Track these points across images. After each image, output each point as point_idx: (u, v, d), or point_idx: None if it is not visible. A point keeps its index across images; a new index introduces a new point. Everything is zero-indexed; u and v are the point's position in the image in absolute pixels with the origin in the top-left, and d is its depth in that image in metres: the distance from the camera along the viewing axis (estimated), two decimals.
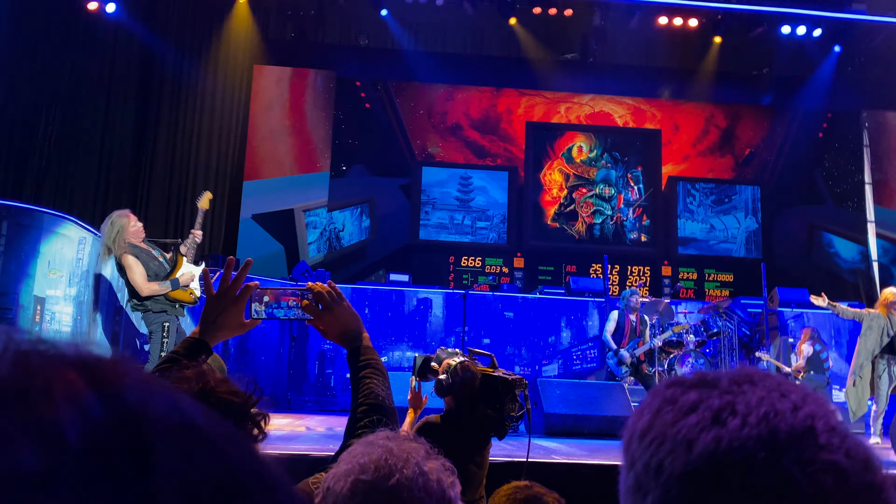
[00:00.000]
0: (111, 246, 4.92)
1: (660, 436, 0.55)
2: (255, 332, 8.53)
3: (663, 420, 0.55)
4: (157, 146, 11.01)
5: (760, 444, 0.51)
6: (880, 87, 12.26)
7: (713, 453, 0.51)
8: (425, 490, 1.01)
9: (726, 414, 0.53)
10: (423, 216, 11.97)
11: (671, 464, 0.53)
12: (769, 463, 0.50)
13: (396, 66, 11.84)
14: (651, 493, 0.54)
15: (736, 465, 0.51)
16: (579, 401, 6.35)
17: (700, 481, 0.51)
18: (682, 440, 0.53)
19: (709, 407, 0.54)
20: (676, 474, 0.52)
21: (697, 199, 12.53)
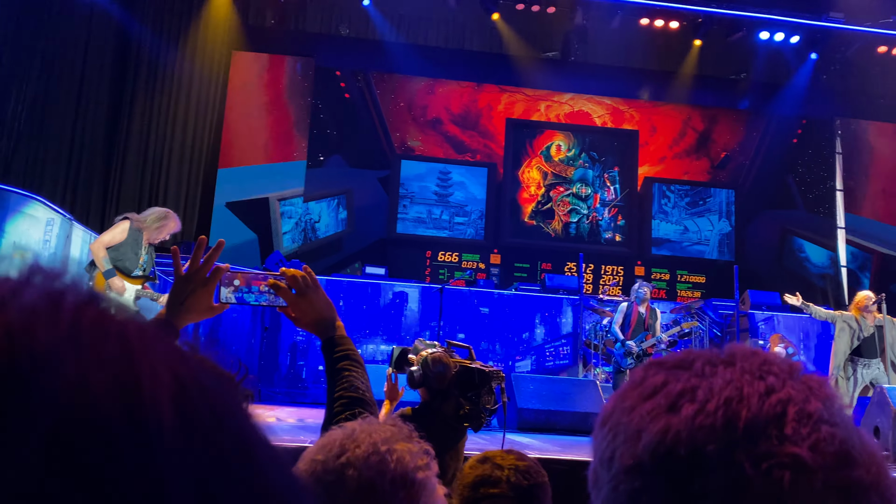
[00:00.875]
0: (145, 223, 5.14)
1: (616, 424, 0.49)
2: (227, 321, 8.43)
3: (623, 406, 0.50)
4: (130, 130, 10.82)
5: (711, 436, 0.45)
6: (854, 96, 12.48)
7: (658, 445, 0.45)
8: (377, 469, 0.98)
9: (684, 400, 0.47)
10: (401, 210, 11.92)
11: (620, 456, 0.47)
12: (719, 457, 0.44)
13: (377, 57, 11.75)
14: (603, 487, 0.48)
15: (681, 458, 0.44)
16: (552, 396, 6.36)
17: (644, 476, 0.45)
18: (633, 430, 0.47)
19: (668, 392, 0.48)
20: (623, 467, 0.46)
21: (672, 200, 12.64)
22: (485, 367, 3.30)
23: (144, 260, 5.18)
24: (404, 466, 1.01)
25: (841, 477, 0.44)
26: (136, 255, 5.10)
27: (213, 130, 11.28)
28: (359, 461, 0.99)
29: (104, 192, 10.63)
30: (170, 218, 5.21)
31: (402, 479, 0.99)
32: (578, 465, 4.03)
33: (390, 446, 1.02)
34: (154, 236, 5.16)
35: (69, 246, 5.72)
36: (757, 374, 0.48)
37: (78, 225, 5.97)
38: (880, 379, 6.55)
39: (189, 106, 11.07)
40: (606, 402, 0.54)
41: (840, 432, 0.46)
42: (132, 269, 5.13)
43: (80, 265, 6.00)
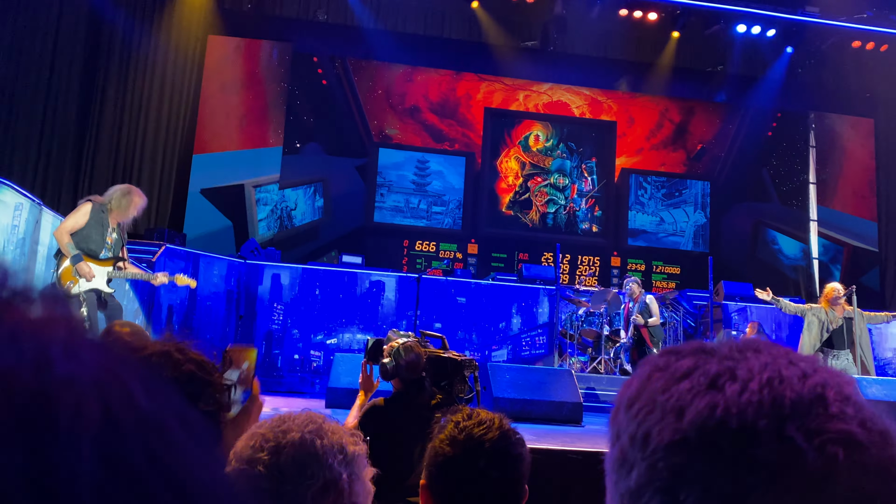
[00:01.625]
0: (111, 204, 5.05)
1: (648, 404, 0.49)
2: (201, 309, 8.34)
3: (653, 387, 0.50)
4: (103, 115, 10.61)
5: (761, 411, 0.45)
6: (828, 90, 12.64)
7: (706, 420, 0.46)
8: (316, 433, 1.10)
9: (724, 379, 0.47)
10: (379, 198, 11.85)
11: (659, 433, 0.47)
12: (771, 431, 0.44)
13: (355, 43, 11.64)
14: (636, 466, 0.48)
15: (732, 433, 0.45)
16: (528, 386, 6.38)
17: (690, 451, 0.46)
18: (672, 407, 0.47)
19: (705, 373, 0.48)
20: (664, 444, 0.47)
21: (649, 192, 12.72)
22: (457, 356, 3.30)
23: (114, 240, 5.06)
24: (339, 437, 1.12)
25: (887, 455, 0.45)
26: (101, 237, 4.99)
27: (187, 116, 11.11)
28: (298, 426, 1.11)
29: (76, 177, 10.43)
30: (133, 193, 5.08)
31: (338, 445, 1.10)
32: (554, 453, 4.05)
33: (323, 423, 1.15)
34: (123, 215, 5.02)
35: (38, 231, 5.61)
36: (787, 360, 0.49)
37: (48, 210, 5.84)
38: (849, 370, 6.66)
39: (163, 91, 10.89)
40: (624, 385, 0.54)
41: (878, 413, 0.47)
42: (98, 252, 5.02)
43: (51, 250, 5.89)
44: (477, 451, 1.49)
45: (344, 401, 6.32)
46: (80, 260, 4.90)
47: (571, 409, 6.35)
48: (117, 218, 5.03)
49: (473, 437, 1.51)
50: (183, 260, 8.29)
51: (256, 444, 1.10)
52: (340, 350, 8.70)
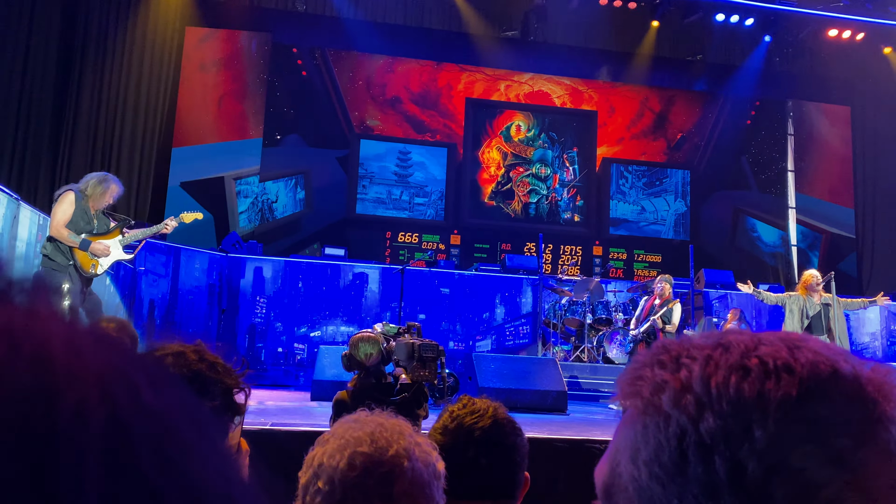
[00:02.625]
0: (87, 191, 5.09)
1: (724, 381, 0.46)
2: (183, 303, 8.28)
3: (725, 361, 0.48)
4: (79, 109, 10.44)
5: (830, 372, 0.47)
6: (806, 78, 12.76)
7: (818, 371, 0.46)
8: (424, 460, 1.04)
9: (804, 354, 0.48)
10: (361, 190, 11.81)
11: (774, 393, 0.45)
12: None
13: (335, 34, 11.56)
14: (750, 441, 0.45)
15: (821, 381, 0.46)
16: (513, 375, 6.41)
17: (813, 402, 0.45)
18: (779, 366, 0.46)
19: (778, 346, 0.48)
20: (787, 401, 0.45)
21: (630, 181, 12.79)
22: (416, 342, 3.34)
23: (96, 225, 5.12)
24: (432, 458, 1.08)
25: None
26: (87, 224, 5.08)
27: (165, 108, 10.98)
28: (408, 452, 1.03)
29: (53, 172, 10.27)
30: (109, 180, 5.17)
31: (434, 471, 1.06)
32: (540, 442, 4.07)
33: (419, 439, 1.10)
34: (99, 203, 5.10)
35: (16, 226, 5.53)
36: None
37: (25, 205, 5.76)
38: None
39: (140, 84, 10.74)
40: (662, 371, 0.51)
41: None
42: (99, 230, 5.10)
43: (29, 246, 5.81)
44: (467, 440, 1.49)
45: (330, 393, 6.30)
46: (89, 242, 4.96)
47: (556, 397, 6.40)
48: (94, 205, 5.09)
49: (464, 426, 1.52)
50: (163, 254, 8.22)
51: (360, 466, 1.01)
52: (325, 343, 8.69)
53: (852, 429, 0.44)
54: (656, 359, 0.50)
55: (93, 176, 5.20)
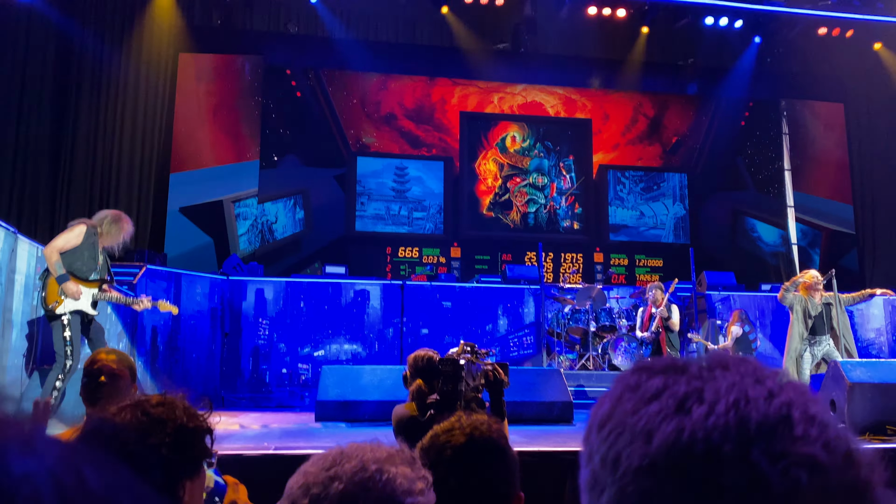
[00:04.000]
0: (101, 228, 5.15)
1: (618, 426, 0.49)
2: (185, 327, 8.27)
3: (623, 409, 0.50)
4: (77, 138, 10.50)
5: (727, 435, 0.45)
6: (797, 77, 12.80)
7: (674, 444, 0.46)
8: (362, 485, 0.98)
9: (692, 402, 0.47)
10: (359, 207, 11.84)
11: (628, 457, 0.47)
12: (736, 456, 0.45)
13: (328, 53, 11.63)
14: (608, 489, 0.48)
15: (699, 457, 0.45)
16: (517, 387, 6.38)
17: (658, 475, 0.46)
18: (641, 430, 0.47)
19: (674, 394, 0.48)
20: (633, 468, 0.47)
21: (627, 186, 12.81)
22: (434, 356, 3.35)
23: (101, 263, 5.13)
24: (392, 488, 0.99)
25: (850, 477, 0.45)
26: (93, 260, 5.10)
27: (162, 135, 11.03)
28: (345, 475, 0.98)
29: (52, 203, 10.31)
30: (123, 220, 5.21)
31: (388, 500, 0.98)
32: (546, 454, 4.05)
33: (381, 466, 1.01)
34: (111, 241, 5.12)
35: (14, 260, 5.54)
36: (753, 378, 0.49)
37: (23, 238, 5.77)
38: (832, 354, 6.73)
39: (136, 111, 10.80)
40: (597, 404, 0.54)
41: (843, 433, 0.47)
42: (89, 274, 5.07)
43: (28, 279, 5.82)
44: (438, 459, 1.42)
45: (333, 413, 6.30)
46: (68, 279, 4.93)
47: (562, 408, 6.37)
48: (105, 242, 5.14)
49: (437, 444, 1.46)
50: (164, 280, 8.23)
51: (301, 486, 0.99)
52: (328, 362, 8.67)
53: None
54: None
55: (108, 213, 5.24)
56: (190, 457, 1.34)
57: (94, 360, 2.71)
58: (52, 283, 4.99)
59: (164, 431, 1.31)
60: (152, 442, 1.29)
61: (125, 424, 1.29)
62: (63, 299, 4.96)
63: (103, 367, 2.62)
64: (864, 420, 5.04)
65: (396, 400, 5.81)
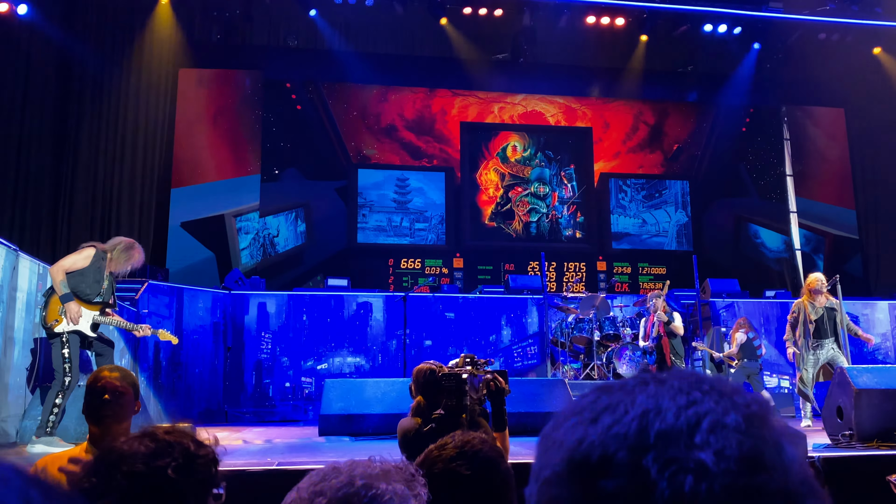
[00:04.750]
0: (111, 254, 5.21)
1: (544, 440, 0.52)
2: (188, 343, 8.25)
3: (554, 423, 0.52)
4: (78, 155, 10.54)
5: (622, 443, 0.47)
6: (797, 83, 12.80)
7: (573, 453, 0.48)
8: (345, 500, 0.97)
9: (606, 413, 0.49)
10: (361, 219, 11.83)
11: (541, 467, 0.50)
12: (628, 462, 0.46)
13: (327, 67, 11.66)
14: (531, 500, 0.50)
15: (594, 465, 0.47)
16: (522, 398, 6.35)
17: (561, 484, 0.48)
18: (554, 443, 0.50)
19: (594, 407, 0.50)
20: (543, 478, 0.49)
21: (629, 194, 12.79)
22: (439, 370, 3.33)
23: (105, 288, 5.17)
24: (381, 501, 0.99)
25: (744, 482, 0.45)
26: (98, 283, 5.15)
27: (163, 150, 11.06)
28: (330, 490, 0.98)
29: (53, 220, 10.33)
30: (135, 249, 5.29)
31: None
32: None
33: (370, 482, 1.00)
34: (118, 267, 5.19)
35: (16, 278, 5.53)
36: (685, 390, 0.50)
37: (25, 256, 5.78)
38: (837, 359, 6.68)
39: (137, 127, 10.84)
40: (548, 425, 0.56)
41: (753, 441, 0.47)
42: (93, 297, 5.12)
43: (30, 296, 5.82)
44: (430, 473, 1.40)
45: (337, 427, 6.26)
46: (71, 300, 4.98)
47: None
48: (112, 268, 5.22)
49: (429, 458, 1.46)
50: (167, 295, 8.22)
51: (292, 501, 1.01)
52: (331, 375, 8.64)
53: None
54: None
55: (121, 241, 5.31)
56: (197, 480, 1.33)
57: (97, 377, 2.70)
58: (53, 302, 5.02)
59: (170, 455, 1.31)
60: (159, 464, 1.29)
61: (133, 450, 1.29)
62: (63, 318, 4.98)
63: (106, 385, 2.61)
64: (871, 426, 4.98)
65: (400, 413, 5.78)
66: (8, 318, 5.34)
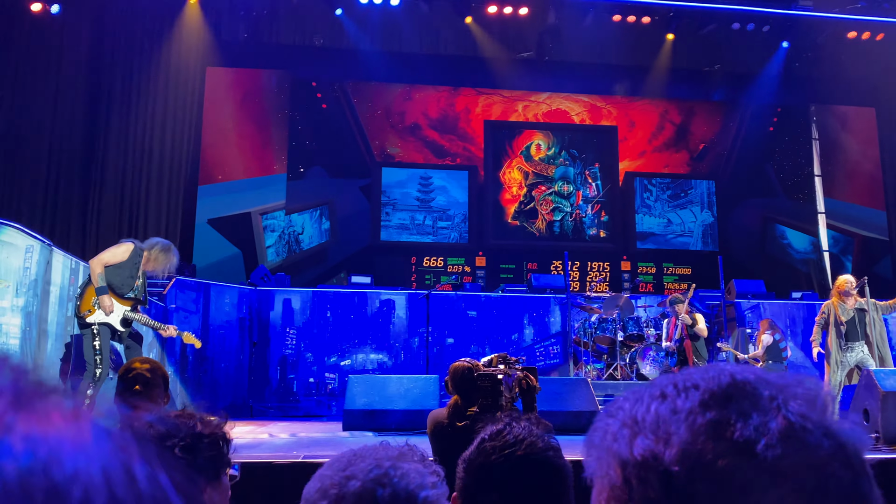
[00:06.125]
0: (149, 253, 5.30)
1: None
2: (214, 338, 8.37)
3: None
4: (107, 151, 10.72)
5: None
6: (827, 82, 12.61)
7: None
8: (378, 481, 1.01)
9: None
10: (384, 217, 11.89)
11: (682, 405, 0.55)
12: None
13: (353, 66, 11.73)
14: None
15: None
16: (545, 396, 6.33)
17: None
18: (687, 385, 0.56)
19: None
20: (692, 410, 0.54)
21: (654, 194, 12.71)
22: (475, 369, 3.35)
23: (138, 284, 5.28)
24: (407, 482, 1.02)
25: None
26: (132, 279, 5.25)
27: (191, 148, 11.21)
28: (361, 472, 1.01)
29: (83, 215, 10.53)
30: (172, 253, 5.41)
31: (403, 494, 1.01)
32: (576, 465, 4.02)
33: (395, 463, 1.04)
34: (153, 267, 5.29)
35: (49, 272, 5.66)
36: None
37: (58, 250, 5.90)
38: (866, 362, 6.60)
39: (165, 124, 11.00)
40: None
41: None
42: (126, 292, 5.22)
43: (63, 290, 5.94)
44: (493, 483, 1.37)
45: (361, 422, 6.32)
46: (106, 293, 5.09)
47: (590, 418, 6.28)
48: (148, 267, 5.32)
49: (488, 464, 1.40)
50: (193, 291, 8.34)
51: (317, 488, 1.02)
52: (354, 371, 8.71)
53: (754, 423, 0.49)
54: (608, 410, 0.58)
55: (159, 242, 5.41)
56: (205, 459, 1.38)
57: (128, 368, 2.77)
58: (88, 293, 5.14)
59: (177, 436, 1.36)
60: (166, 445, 1.34)
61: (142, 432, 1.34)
62: (95, 309, 5.10)
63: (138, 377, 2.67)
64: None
65: (423, 409, 5.82)
66: (42, 311, 5.47)
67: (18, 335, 5.40)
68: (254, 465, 3.52)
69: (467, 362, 3.42)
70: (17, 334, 5.40)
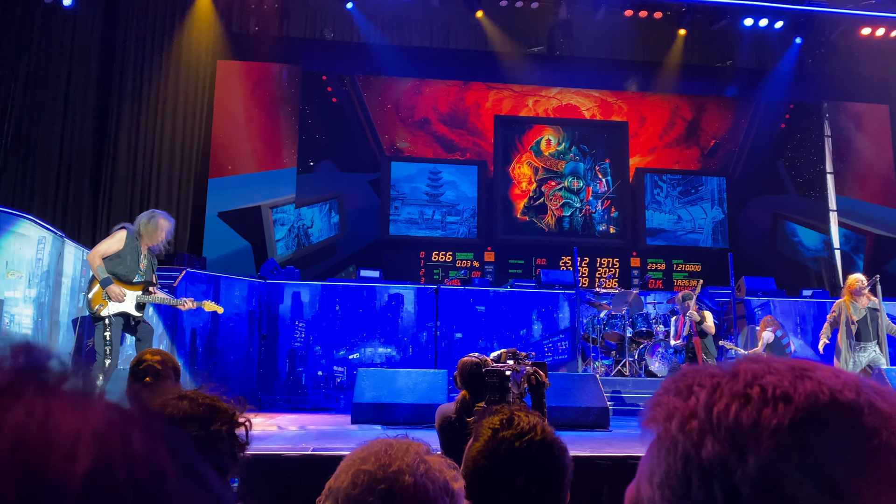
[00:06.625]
0: (140, 230, 5.26)
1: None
2: (224, 330, 8.41)
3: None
4: (118, 144, 10.77)
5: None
6: (840, 79, 12.52)
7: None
8: (428, 476, 1.04)
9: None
10: (393, 211, 11.90)
11: (768, 421, 0.51)
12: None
13: (363, 59, 11.73)
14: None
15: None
16: (552, 393, 6.33)
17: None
18: (777, 395, 0.53)
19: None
20: (779, 430, 0.51)
21: (665, 190, 12.66)
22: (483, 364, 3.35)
23: (146, 266, 5.26)
24: (444, 476, 1.08)
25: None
26: (136, 263, 5.22)
27: (201, 141, 11.24)
28: (411, 468, 1.05)
29: (94, 207, 10.58)
30: (157, 216, 5.30)
31: (444, 487, 1.05)
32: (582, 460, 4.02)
33: (430, 457, 1.10)
34: (152, 239, 5.23)
35: (62, 263, 5.69)
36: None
37: (70, 242, 5.94)
38: (878, 361, 6.56)
39: (176, 117, 11.03)
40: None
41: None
42: (132, 277, 5.20)
43: (75, 281, 5.98)
44: (516, 466, 1.44)
45: (369, 416, 6.34)
46: (111, 282, 5.08)
47: (598, 413, 6.32)
48: (147, 243, 5.26)
49: (511, 450, 1.47)
50: (204, 283, 8.37)
51: (362, 483, 1.04)
52: (363, 364, 8.73)
53: (846, 458, 0.44)
54: (673, 386, 0.52)
55: (142, 215, 5.37)
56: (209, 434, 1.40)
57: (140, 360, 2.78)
58: (93, 285, 5.14)
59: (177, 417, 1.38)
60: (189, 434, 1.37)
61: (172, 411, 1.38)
62: (107, 302, 5.11)
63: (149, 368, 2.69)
64: None
65: (431, 403, 5.83)
66: (54, 301, 5.50)
67: (31, 325, 5.44)
68: (263, 457, 3.53)
69: (476, 357, 3.42)
70: (29, 325, 5.44)
